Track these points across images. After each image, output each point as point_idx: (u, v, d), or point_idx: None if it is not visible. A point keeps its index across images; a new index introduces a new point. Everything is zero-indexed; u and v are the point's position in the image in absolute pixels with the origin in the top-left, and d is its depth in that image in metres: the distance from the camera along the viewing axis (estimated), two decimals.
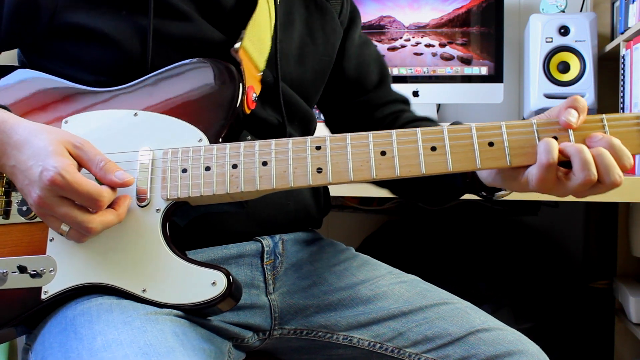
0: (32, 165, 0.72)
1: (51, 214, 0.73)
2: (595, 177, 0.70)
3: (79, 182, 0.71)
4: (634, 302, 1.61)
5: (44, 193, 0.71)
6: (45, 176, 0.70)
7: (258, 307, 0.92)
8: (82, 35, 0.84)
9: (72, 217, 0.72)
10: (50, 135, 0.74)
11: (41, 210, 0.73)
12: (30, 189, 0.72)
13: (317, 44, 1.01)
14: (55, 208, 0.72)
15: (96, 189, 0.72)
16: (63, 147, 0.73)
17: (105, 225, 0.74)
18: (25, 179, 0.73)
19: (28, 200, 0.74)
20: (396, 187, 1.06)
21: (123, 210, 0.76)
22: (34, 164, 0.72)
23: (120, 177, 0.74)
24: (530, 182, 0.74)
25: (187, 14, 0.86)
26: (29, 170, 0.72)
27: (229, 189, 0.76)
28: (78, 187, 0.71)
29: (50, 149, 0.72)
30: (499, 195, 0.88)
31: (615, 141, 0.71)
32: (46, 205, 0.72)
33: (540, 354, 0.90)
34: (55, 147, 0.73)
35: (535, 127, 0.74)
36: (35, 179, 0.71)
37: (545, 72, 1.76)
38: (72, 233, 0.74)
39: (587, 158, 0.70)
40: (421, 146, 0.75)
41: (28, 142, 0.74)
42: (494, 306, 1.68)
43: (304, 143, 0.77)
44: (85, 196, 0.71)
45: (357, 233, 2.02)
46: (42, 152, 0.72)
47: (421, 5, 1.91)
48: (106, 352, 0.67)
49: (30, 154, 0.73)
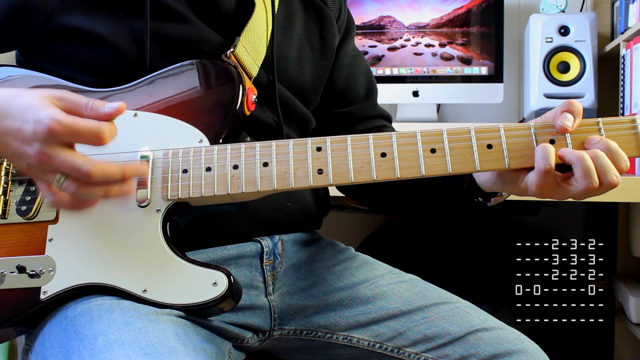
0: (21, 124, 0.69)
1: (51, 168, 0.70)
2: (597, 183, 0.70)
3: (75, 122, 0.69)
4: (634, 302, 1.61)
5: (43, 145, 0.68)
6: (40, 128, 0.68)
7: (258, 308, 0.92)
8: (79, 37, 0.84)
9: (72, 161, 0.69)
10: (30, 93, 0.72)
11: (42, 165, 0.70)
12: (27, 147, 0.69)
13: (315, 49, 1.01)
14: (57, 156, 0.69)
15: (95, 123, 0.70)
16: (49, 100, 0.71)
17: (105, 173, 0.70)
18: (16, 140, 0.70)
19: (23, 163, 0.71)
20: (386, 196, 1.04)
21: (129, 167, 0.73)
22: (23, 122, 0.69)
23: (111, 106, 0.71)
24: (529, 188, 0.74)
25: (184, 15, 0.86)
26: (20, 130, 0.69)
27: (230, 189, 0.76)
28: (77, 126, 0.69)
29: (35, 103, 0.70)
30: (494, 201, 0.88)
31: (612, 144, 0.72)
32: (47, 157, 0.69)
33: (540, 353, 0.90)
34: (40, 101, 0.70)
35: (533, 130, 0.75)
36: (29, 136, 0.69)
37: (545, 72, 1.76)
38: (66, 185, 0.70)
39: (589, 166, 0.70)
40: (421, 148, 0.75)
41: (9, 105, 0.71)
42: (494, 306, 1.68)
43: (305, 144, 0.77)
44: (87, 131, 0.69)
45: (357, 233, 2.02)
46: (27, 109, 0.70)
47: (421, 5, 1.91)
48: (108, 353, 0.67)
49: (15, 115, 0.70)
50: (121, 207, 0.78)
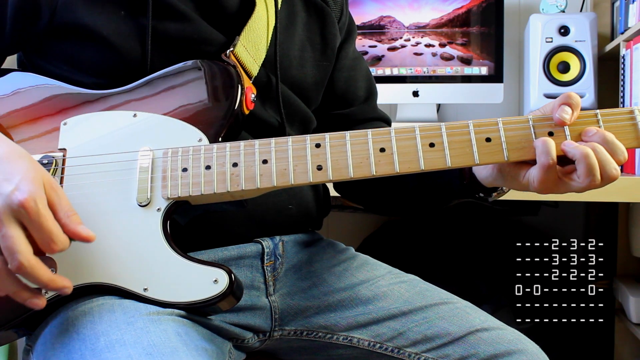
0: (7, 178, 0.66)
1: None
2: (599, 180, 0.71)
3: (47, 217, 0.66)
4: (634, 302, 1.61)
5: (6, 209, 0.65)
6: (16, 196, 0.65)
7: (258, 309, 0.92)
8: (81, 35, 0.84)
9: (13, 243, 0.65)
10: (31, 164, 0.69)
11: None
12: None
13: (316, 49, 1.01)
14: (5, 228, 0.65)
15: (59, 231, 0.67)
16: (42, 181, 0.68)
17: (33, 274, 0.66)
18: None
19: None
20: (386, 197, 1.04)
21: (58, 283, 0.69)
22: (5, 179, 0.66)
23: (85, 229, 0.69)
24: (531, 184, 0.74)
25: (186, 14, 0.86)
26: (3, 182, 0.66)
27: (230, 187, 0.76)
28: (44, 220, 0.66)
29: (30, 175, 0.67)
30: (495, 196, 0.88)
31: (609, 136, 0.72)
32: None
33: (539, 353, 0.90)
34: (35, 176, 0.68)
35: (531, 122, 0.75)
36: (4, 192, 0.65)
37: (545, 72, 1.76)
38: None
39: (594, 164, 0.70)
40: (419, 142, 0.75)
41: (7, 159, 0.69)
42: (494, 306, 1.68)
43: (304, 141, 0.77)
44: (47, 231, 0.66)
45: (357, 233, 2.02)
46: (19, 174, 0.67)
47: (421, 5, 1.91)
48: (110, 353, 0.67)
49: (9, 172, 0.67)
50: (121, 207, 0.78)
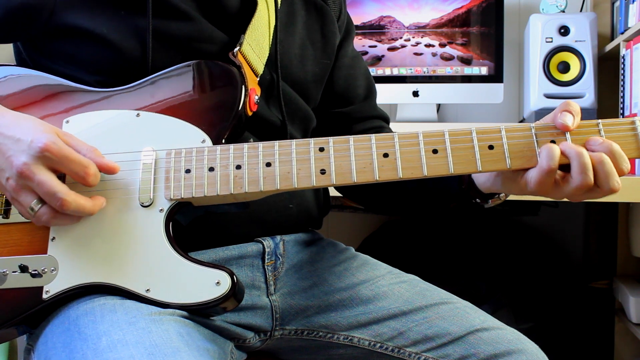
0: (20, 137, 0.73)
1: (28, 186, 0.73)
2: (591, 181, 0.71)
3: (71, 151, 0.73)
4: (634, 302, 1.61)
5: (32, 159, 0.72)
6: (36, 144, 0.71)
7: (259, 308, 0.92)
8: (80, 36, 0.84)
9: (50, 186, 0.72)
10: (39, 121, 0.76)
11: (20, 180, 0.72)
12: (16, 156, 0.72)
13: (316, 47, 1.01)
14: (39, 175, 0.71)
15: (86, 159, 0.74)
16: (53, 130, 0.74)
17: (77, 207, 0.73)
18: (10, 149, 0.73)
19: (6, 173, 0.73)
20: (385, 197, 1.05)
21: (98, 203, 0.76)
22: (24, 136, 0.72)
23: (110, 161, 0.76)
24: (529, 185, 0.75)
25: (188, 13, 0.86)
26: (18, 142, 0.73)
27: (233, 189, 0.77)
28: (71, 155, 0.73)
29: (41, 128, 0.74)
30: (491, 203, 0.88)
31: (615, 147, 0.72)
32: (29, 173, 0.72)
33: (539, 353, 0.91)
34: (46, 128, 0.74)
35: (534, 131, 0.75)
36: (23, 148, 0.72)
37: (545, 72, 1.76)
38: (42, 212, 0.74)
39: (586, 162, 0.71)
40: (423, 149, 0.76)
41: (17, 124, 0.74)
42: (494, 306, 1.69)
43: (307, 145, 0.77)
44: (77, 162, 0.73)
45: (357, 233, 2.02)
46: (30, 129, 0.73)
47: (421, 5, 1.91)
48: (112, 353, 0.67)
49: (19, 132, 0.73)
50: (124, 207, 0.78)
